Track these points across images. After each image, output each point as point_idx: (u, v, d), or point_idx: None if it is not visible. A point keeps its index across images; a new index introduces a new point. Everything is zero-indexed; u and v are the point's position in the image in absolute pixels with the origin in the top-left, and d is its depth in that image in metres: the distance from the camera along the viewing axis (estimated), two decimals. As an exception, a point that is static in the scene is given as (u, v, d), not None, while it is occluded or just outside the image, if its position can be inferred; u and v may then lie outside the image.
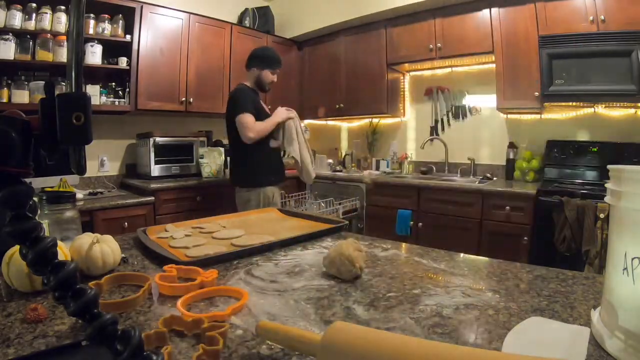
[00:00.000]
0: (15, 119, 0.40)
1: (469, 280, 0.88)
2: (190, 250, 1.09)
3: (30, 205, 0.43)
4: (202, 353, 0.54)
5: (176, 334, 0.63)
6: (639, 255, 0.54)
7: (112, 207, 2.84)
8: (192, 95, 3.71)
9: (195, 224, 1.40)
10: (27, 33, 2.82)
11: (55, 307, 0.73)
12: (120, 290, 0.83)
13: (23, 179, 0.42)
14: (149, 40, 3.36)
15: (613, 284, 0.60)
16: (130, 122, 3.63)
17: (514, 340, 0.61)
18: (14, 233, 0.41)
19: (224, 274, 0.93)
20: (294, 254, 1.09)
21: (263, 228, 1.36)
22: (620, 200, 0.58)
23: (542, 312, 0.72)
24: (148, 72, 3.37)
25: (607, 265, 0.63)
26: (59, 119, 0.40)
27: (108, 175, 3.58)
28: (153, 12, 3.39)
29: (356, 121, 4.71)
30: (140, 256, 1.08)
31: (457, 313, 0.72)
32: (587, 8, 2.74)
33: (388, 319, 0.70)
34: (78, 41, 0.40)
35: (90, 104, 0.40)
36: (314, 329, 0.66)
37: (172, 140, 3.55)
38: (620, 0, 2.63)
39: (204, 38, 3.78)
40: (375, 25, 3.98)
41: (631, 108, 2.91)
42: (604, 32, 2.64)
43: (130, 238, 1.24)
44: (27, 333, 0.63)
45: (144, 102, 3.37)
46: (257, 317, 0.70)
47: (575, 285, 0.86)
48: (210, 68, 3.86)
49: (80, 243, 0.90)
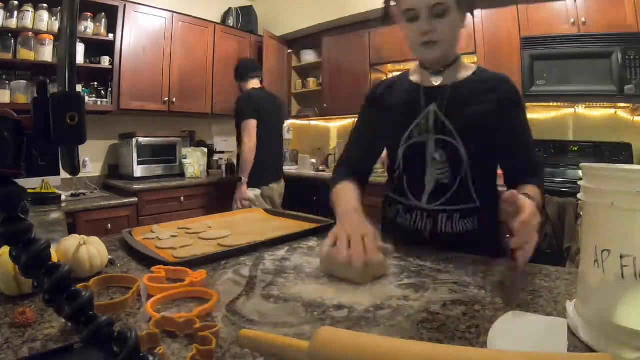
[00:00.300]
0: (7, 118, 0.40)
1: (455, 277, 0.89)
2: (177, 251, 1.08)
3: (22, 207, 0.42)
4: (196, 353, 0.54)
5: (168, 334, 0.63)
6: (607, 248, 0.57)
7: (95, 209, 2.81)
8: (175, 95, 3.68)
9: (181, 224, 1.39)
10: (8, 31, 2.77)
11: (43, 311, 0.72)
12: (109, 293, 0.83)
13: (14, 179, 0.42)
14: (132, 39, 3.33)
15: (585, 276, 0.63)
16: (112, 122, 3.59)
17: (498, 335, 0.62)
18: (7, 235, 0.40)
19: (212, 275, 0.93)
20: (281, 253, 1.10)
21: (249, 228, 1.36)
22: (590, 196, 0.62)
23: (527, 307, 0.74)
24: (131, 72, 3.34)
25: (581, 258, 0.66)
26: (53, 119, 0.39)
27: (90, 176, 3.54)
28: (136, 10, 3.36)
29: (339, 121, 4.73)
30: (126, 258, 1.07)
31: (444, 309, 0.73)
32: (569, 10, 2.80)
33: (377, 315, 0.71)
34: (72, 40, 0.40)
35: (84, 103, 0.40)
36: (305, 327, 0.66)
37: (155, 141, 3.52)
38: (601, 3, 2.69)
39: (187, 37, 3.76)
40: (359, 26, 4.00)
41: (611, 108, 2.98)
42: (585, 34, 2.70)
43: (115, 240, 1.23)
44: (16, 337, 0.63)
45: (126, 101, 3.34)
46: (247, 317, 0.70)
47: (558, 280, 0.88)
48: (193, 68, 3.83)
49: (67, 245, 0.89)
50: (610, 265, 0.56)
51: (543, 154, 3.15)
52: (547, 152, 3.15)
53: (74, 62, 0.40)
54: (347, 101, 4.14)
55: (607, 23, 2.66)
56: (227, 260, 1.04)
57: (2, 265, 0.75)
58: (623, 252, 0.54)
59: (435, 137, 1.15)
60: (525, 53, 2.90)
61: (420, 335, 0.63)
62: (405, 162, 1.21)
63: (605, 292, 0.58)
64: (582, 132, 3.13)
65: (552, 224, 2.51)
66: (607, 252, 0.57)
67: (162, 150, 3.59)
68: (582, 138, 3.11)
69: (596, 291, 0.60)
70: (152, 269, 0.88)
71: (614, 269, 0.56)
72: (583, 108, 3.10)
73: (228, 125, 4.65)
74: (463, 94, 1.15)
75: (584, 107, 3.07)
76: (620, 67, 2.55)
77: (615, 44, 2.56)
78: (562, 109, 3.18)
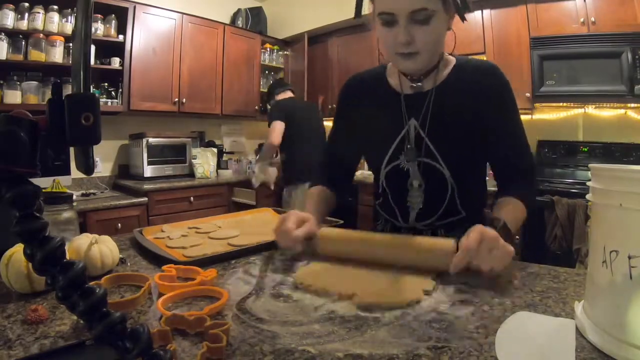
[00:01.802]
0: (23, 119, 0.41)
1: (463, 277, 0.89)
2: (187, 250, 1.09)
3: (37, 206, 0.43)
4: (206, 350, 0.55)
5: (178, 332, 0.64)
6: (616, 249, 0.57)
7: (105, 209, 2.83)
8: (185, 95, 3.71)
9: (191, 224, 1.40)
10: (19, 33, 2.81)
11: (55, 308, 0.73)
12: (120, 291, 0.84)
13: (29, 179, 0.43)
14: (141, 40, 3.36)
15: (594, 277, 0.63)
16: (122, 123, 3.62)
17: (506, 335, 0.62)
18: (22, 233, 0.41)
19: (223, 274, 0.93)
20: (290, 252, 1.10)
21: (259, 228, 1.36)
22: (598, 197, 0.62)
23: (535, 308, 0.73)
24: (141, 73, 3.37)
25: (590, 259, 0.66)
26: (68, 120, 0.40)
27: (100, 176, 3.57)
28: (146, 12, 3.39)
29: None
30: (137, 257, 1.08)
31: (453, 308, 0.73)
32: (578, 10, 2.78)
33: (386, 315, 0.71)
34: (86, 42, 0.41)
35: (98, 104, 0.41)
36: (315, 326, 0.67)
37: (165, 141, 3.54)
38: (610, 3, 2.67)
39: (196, 38, 3.78)
40: (368, 26, 3.98)
41: (621, 109, 2.96)
42: (595, 34, 2.68)
43: (126, 239, 1.24)
44: (28, 334, 0.64)
45: (136, 102, 3.37)
46: (257, 316, 0.70)
47: (567, 281, 0.87)
48: (203, 68, 3.86)
49: (79, 244, 0.90)
50: (618, 266, 0.56)
51: (552, 155, 3.13)
52: (556, 153, 3.13)
53: (88, 64, 0.41)
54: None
55: (616, 23, 2.64)
56: (237, 259, 1.05)
57: (15, 263, 0.76)
58: (632, 253, 0.54)
59: (418, 160, 1.08)
60: (534, 53, 2.89)
61: (428, 335, 0.63)
62: (388, 186, 1.17)
63: (614, 293, 0.58)
64: (591, 133, 3.11)
65: (561, 225, 2.50)
66: (615, 253, 0.57)
67: (172, 151, 3.61)
68: (591, 139, 3.09)
69: (604, 292, 0.60)
70: (162, 267, 0.88)
71: (622, 270, 0.56)
72: (593, 108, 3.07)
73: (238, 125, 4.68)
74: (444, 101, 1.05)
75: (594, 107, 3.05)
76: (630, 67, 2.53)
77: (625, 44, 2.54)
78: (572, 110, 3.16)
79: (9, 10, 2.76)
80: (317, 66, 4.51)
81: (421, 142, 1.07)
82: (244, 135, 4.83)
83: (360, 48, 4.08)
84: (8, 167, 0.40)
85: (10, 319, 0.69)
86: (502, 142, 1.09)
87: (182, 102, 3.68)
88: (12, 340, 0.61)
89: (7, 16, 2.75)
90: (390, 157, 1.12)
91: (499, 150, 1.10)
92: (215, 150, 3.90)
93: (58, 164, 2.54)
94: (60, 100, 0.40)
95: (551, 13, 2.92)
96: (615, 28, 2.63)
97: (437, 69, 1.08)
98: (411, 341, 0.61)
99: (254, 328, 0.65)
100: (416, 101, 1.08)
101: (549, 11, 2.93)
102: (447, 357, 0.56)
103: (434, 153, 1.06)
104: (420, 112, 1.07)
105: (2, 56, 2.73)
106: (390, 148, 1.12)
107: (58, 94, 0.41)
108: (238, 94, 4.20)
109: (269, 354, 0.57)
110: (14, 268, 0.77)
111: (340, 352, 0.58)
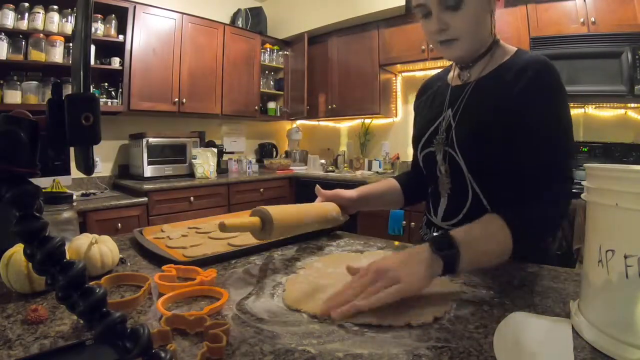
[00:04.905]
0: (23, 119, 0.41)
1: (463, 277, 0.89)
2: (187, 250, 1.09)
3: (37, 205, 0.43)
4: (206, 350, 0.55)
5: (178, 332, 0.64)
6: (612, 248, 0.57)
7: (105, 208, 2.83)
8: (185, 95, 3.71)
9: (191, 224, 1.40)
10: (19, 33, 2.81)
11: (55, 308, 0.73)
12: (120, 291, 0.84)
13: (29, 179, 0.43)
14: (142, 40, 3.36)
15: (590, 276, 0.63)
16: (122, 123, 3.62)
17: (502, 336, 0.62)
18: (22, 233, 0.41)
19: (223, 273, 0.94)
20: (290, 253, 1.10)
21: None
22: (594, 196, 0.63)
23: (535, 308, 0.73)
24: (141, 73, 3.37)
25: (585, 259, 0.66)
26: (68, 120, 0.40)
27: (100, 176, 3.57)
28: (146, 12, 3.39)
29: (348, 122, 4.73)
30: (137, 257, 1.08)
31: (453, 308, 0.73)
32: (578, 10, 2.78)
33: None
34: (86, 42, 0.41)
35: (99, 104, 0.41)
36: (315, 326, 0.67)
37: (165, 141, 3.54)
38: (610, 2, 2.67)
39: (197, 38, 3.78)
40: (368, 26, 4.01)
41: (621, 109, 2.96)
42: (595, 34, 2.68)
43: (126, 239, 1.24)
44: (28, 334, 0.64)
45: (136, 102, 3.37)
46: (257, 316, 0.70)
47: (567, 281, 0.87)
48: (203, 68, 3.86)
49: (79, 244, 0.90)
50: (614, 266, 0.57)
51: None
52: (556, 153, 3.13)
53: (88, 64, 0.41)
54: (356, 102, 4.15)
55: (616, 22, 2.64)
56: (237, 259, 1.05)
57: (15, 264, 0.76)
58: (627, 252, 0.54)
59: (443, 149, 1.07)
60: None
61: (428, 335, 0.63)
62: (425, 170, 1.19)
63: (610, 292, 0.58)
64: (591, 133, 3.11)
65: (561, 226, 2.50)
66: (611, 253, 0.57)
67: (172, 151, 3.61)
68: (591, 139, 3.08)
69: (600, 291, 0.60)
70: (162, 267, 0.88)
71: (618, 269, 0.56)
72: (593, 108, 3.07)
73: (238, 125, 4.68)
74: (479, 93, 1.02)
75: (594, 107, 3.05)
76: (630, 67, 2.53)
77: (625, 44, 2.54)
78: (572, 109, 3.13)
79: (9, 10, 2.76)
80: (317, 66, 4.51)
81: (450, 131, 1.07)
82: (244, 135, 4.84)
83: (360, 48, 4.09)
84: (8, 167, 0.40)
85: (10, 319, 0.69)
86: (525, 151, 0.95)
87: (182, 102, 3.68)
88: (12, 340, 0.61)
89: (7, 16, 2.75)
90: (424, 144, 1.15)
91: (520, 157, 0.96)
92: (215, 150, 3.90)
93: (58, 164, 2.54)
94: (60, 100, 0.40)
95: (551, 13, 2.92)
96: (615, 28, 2.63)
97: (489, 53, 1.05)
98: (411, 341, 0.61)
99: (254, 328, 0.66)
100: (459, 92, 1.08)
101: (549, 11, 2.93)
102: (447, 357, 0.56)
103: (453, 141, 1.05)
104: (457, 103, 1.07)
105: (2, 56, 2.73)
106: (425, 134, 1.14)
107: (58, 94, 0.41)
108: (238, 94, 4.20)
109: (269, 354, 0.57)
110: (14, 268, 0.77)
111: (340, 352, 0.58)
